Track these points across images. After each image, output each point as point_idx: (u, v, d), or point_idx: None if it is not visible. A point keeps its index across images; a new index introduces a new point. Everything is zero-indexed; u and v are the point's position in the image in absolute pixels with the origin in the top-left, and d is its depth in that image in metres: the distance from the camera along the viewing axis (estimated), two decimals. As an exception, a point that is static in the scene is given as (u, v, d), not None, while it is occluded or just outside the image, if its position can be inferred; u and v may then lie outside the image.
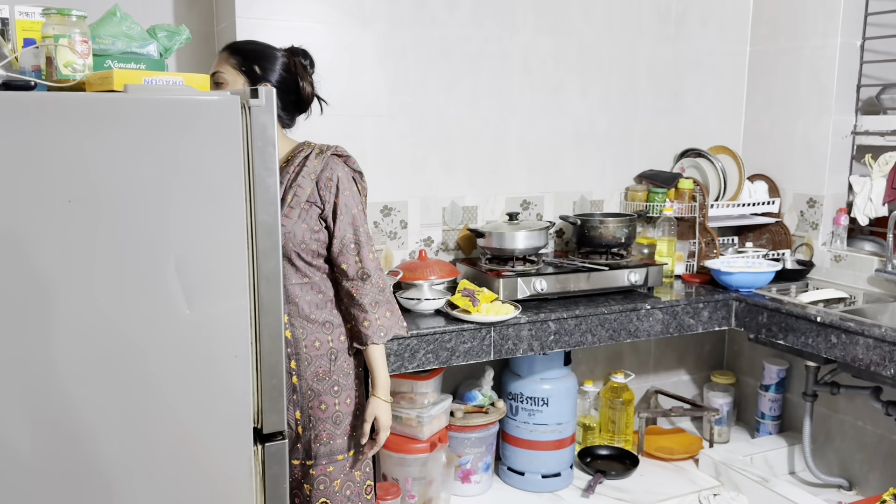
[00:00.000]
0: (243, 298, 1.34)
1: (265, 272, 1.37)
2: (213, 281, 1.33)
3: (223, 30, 2.71)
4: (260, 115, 1.33)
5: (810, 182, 3.22)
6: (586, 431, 3.20)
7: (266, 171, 1.34)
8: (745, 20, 3.42)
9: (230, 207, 1.32)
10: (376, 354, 1.97)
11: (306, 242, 1.89)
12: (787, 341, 2.78)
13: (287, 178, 1.90)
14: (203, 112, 1.28)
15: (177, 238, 1.30)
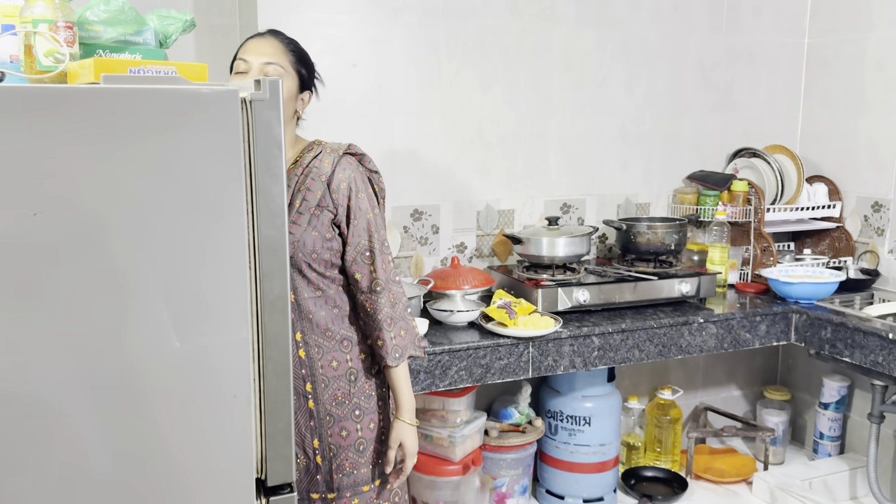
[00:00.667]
0: (243, 329, 1.10)
1: (270, 297, 1.12)
2: (208, 308, 1.09)
3: (245, 22, 2.48)
4: (264, 111, 1.09)
5: (875, 184, 2.90)
6: (631, 451, 2.93)
7: (271, 178, 1.10)
8: (803, 10, 3.10)
9: (228, 220, 1.08)
10: (397, 374, 1.74)
11: (318, 252, 1.66)
12: (853, 359, 2.48)
13: (295, 180, 1.67)
14: (193, 106, 1.05)
15: (163, 257, 1.07)
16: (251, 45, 1.69)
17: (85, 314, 1.05)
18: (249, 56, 1.66)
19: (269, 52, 1.68)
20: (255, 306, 1.12)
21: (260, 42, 1.70)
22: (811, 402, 3.10)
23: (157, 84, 1.05)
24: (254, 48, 1.68)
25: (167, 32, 1.42)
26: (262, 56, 1.66)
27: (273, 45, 1.70)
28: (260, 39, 1.71)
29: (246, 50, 1.69)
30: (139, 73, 1.13)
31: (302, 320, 1.67)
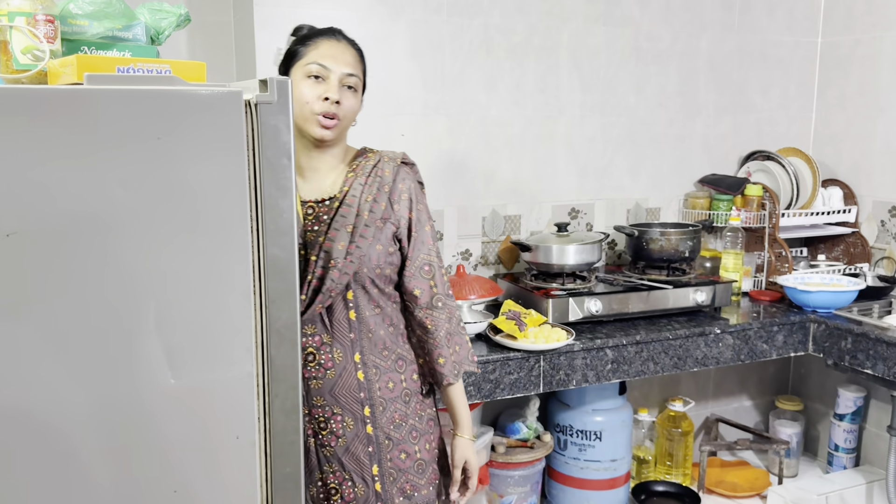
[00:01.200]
0: (247, 362, 0.96)
1: (277, 325, 0.98)
2: (207, 339, 0.95)
3: (240, 19, 2.34)
4: (271, 116, 0.95)
5: (892, 188, 2.79)
6: (641, 465, 2.80)
7: (279, 191, 0.96)
8: (817, 8, 2.98)
9: (229, 239, 0.94)
10: (456, 392, 1.66)
11: (381, 267, 1.55)
12: (875, 370, 2.36)
13: (360, 190, 1.54)
14: (190, 110, 0.91)
15: (156, 283, 0.93)
16: (329, 50, 1.51)
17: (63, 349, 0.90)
18: (330, 62, 1.49)
19: (350, 63, 1.52)
20: (261, 337, 0.98)
21: (338, 47, 1.52)
22: (824, 413, 2.99)
23: (149, 84, 0.91)
24: (334, 54, 1.50)
25: (159, 28, 1.27)
26: (345, 66, 1.50)
27: (352, 53, 1.54)
28: (336, 43, 1.53)
29: (324, 54, 1.50)
30: (128, 71, 0.99)
31: (362, 340, 1.55)
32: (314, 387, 1.53)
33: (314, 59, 1.49)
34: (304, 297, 1.47)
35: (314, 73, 1.48)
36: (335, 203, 1.53)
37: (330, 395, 1.54)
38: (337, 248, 1.49)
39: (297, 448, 1.02)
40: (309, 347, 1.51)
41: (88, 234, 0.90)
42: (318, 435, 1.55)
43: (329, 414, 1.54)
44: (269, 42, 2.23)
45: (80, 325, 0.91)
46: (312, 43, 1.52)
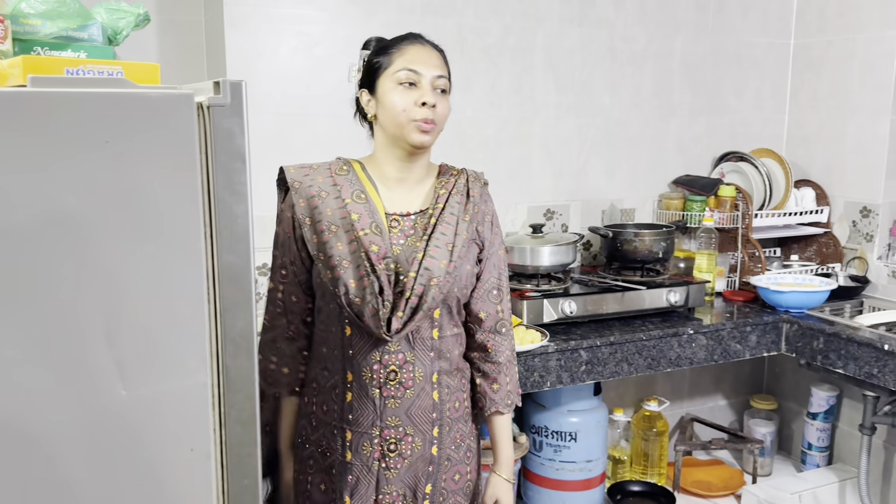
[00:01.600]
0: (201, 372, 0.93)
1: (233, 335, 0.95)
2: (159, 349, 0.92)
3: (211, 18, 2.30)
4: (224, 119, 0.91)
5: (864, 189, 2.80)
6: (616, 465, 2.79)
7: (234, 196, 0.93)
8: (789, 10, 2.98)
9: (181, 246, 0.91)
10: (503, 424, 1.62)
11: (467, 287, 1.51)
12: (847, 370, 2.36)
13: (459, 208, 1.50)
14: (140, 113, 0.87)
15: (105, 291, 0.89)
16: (417, 54, 1.44)
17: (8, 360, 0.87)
18: (420, 66, 1.42)
19: (438, 65, 1.44)
20: (215, 346, 0.95)
21: (424, 51, 1.45)
22: (798, 411, 2.99)
23: (96, 87, 0.87)
24: (423, 58, 1.43)
25: (117, 28, 1.23)
26: (434, 69, 1.43)
27: (437, 56, 1.47)
28: (422, 47, 1.45)
29: (412, 59, 1.43)
30: (78, 73, 0.95)
31: (440, 360, 1.50)
32: (391, 406, 1.46)
33: (403, 66, 1.41)
34: (401, 314, 1.40)
35: (406, 80, 1.41)
36: (428, 219, 1.47)
37: (406, 415, 1.47)
38: (439, 266, 1.43)
39: (255, 460, 0.98)
40: (391, 365, 1.45)
41: (34, 242, 0.86)
42: (385, 457, 1.48)
43: (401, 435, 1.48)
44: (240, 41, 2.19)
45: (26, 336, 0.87)
46: (397, 50, 1.44)
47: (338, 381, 1.48)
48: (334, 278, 1.41)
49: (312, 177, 1.48)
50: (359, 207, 1.44)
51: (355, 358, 1.45)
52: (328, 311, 1.48)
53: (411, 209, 1.49)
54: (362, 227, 1.42)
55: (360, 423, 1.47)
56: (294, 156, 2.29)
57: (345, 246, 1.41)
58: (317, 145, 2.31)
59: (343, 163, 1.53)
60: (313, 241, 1.44)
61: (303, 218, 1.45)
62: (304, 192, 1.47)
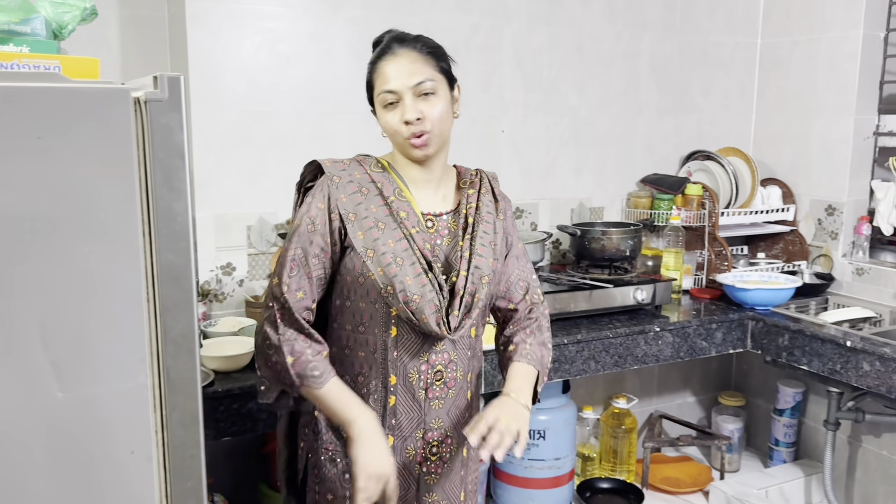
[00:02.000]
0: (141, 374, 0.91)
1: (174, 335, 0.93)
2: (97, 350, 0.89)
3: (174, 14, 2.26)
4: (162, 115, 0.89)
5: (829, 187, 2.82)
6: (586, 462, 2.79)
7: (172, 193, 0.90)
8: (756, 9, 3.00)
9: (119, 245, 0.88)
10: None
11: (500, 285, 1.53)
12: (811, 367, 2.38)
13: (482, 206, 1.47)
14: (74, 108, 0.84)
15: (39, 291, 0.86)
16: (390, 70, 1.36)
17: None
18: (396, 84, 1.35)
19: (415, 70, 1.36)
20: (155, 347, 0.93)
21: (396, 62, 1.37)
22: (765, 408, 3.01)
23: (29, 81, 0.85)
24: (396, 72, 1.36)
25: (62, 21, 1.20)
26: (409, 77, 1.35)
27: (410, 57, 1.38)
28: (393, 59, 1.37)
29: (385, 78, 1.37)
30: (12, 67, 0.93)
31: (474, 358, 1.50)
32: (435, 408, 1.42)
33: (381, 88, 1.38)
34: (457, 312, 1.37)
35: (389, 102, 1.37)
36: (464, 218, 1.45)
37: (447, 416, 1.44)
38: (487, 264, 1.42)
39: (199, 461, 0.96)
40: (438, 365, 1.41)
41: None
42: (427, 460, 1.44)
43: (442, 437, 1.44)
44: (202, 37, 2.15)
45: (-44, 337, 0.85)
46: (375, 69, 1.40)
47: (377, 386, 1.40)
48: (388, 275, 1.34)
49: (349, 172, 1.42)
50: (403, 205, 1.40)
51: (401, 359, 1.39)
52: (369, 312, 1.38)
53: (443, 209, 1.46)
54: (412, 225, 1.38)
55: (404, 427, 1.41)
56: (260, 153, 2.27)
57: (396, 243, 1.36)
58: (281, 142, 2.29)
59: (374, 160, 1.46)
60: (359, 237, 1.36)
61: (346, 213, 1.37)
62: (344, 188, 1.39)
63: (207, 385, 1.79)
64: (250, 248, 2.28)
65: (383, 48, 1.40)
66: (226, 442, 2.12)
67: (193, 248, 0.93)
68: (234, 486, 2.31)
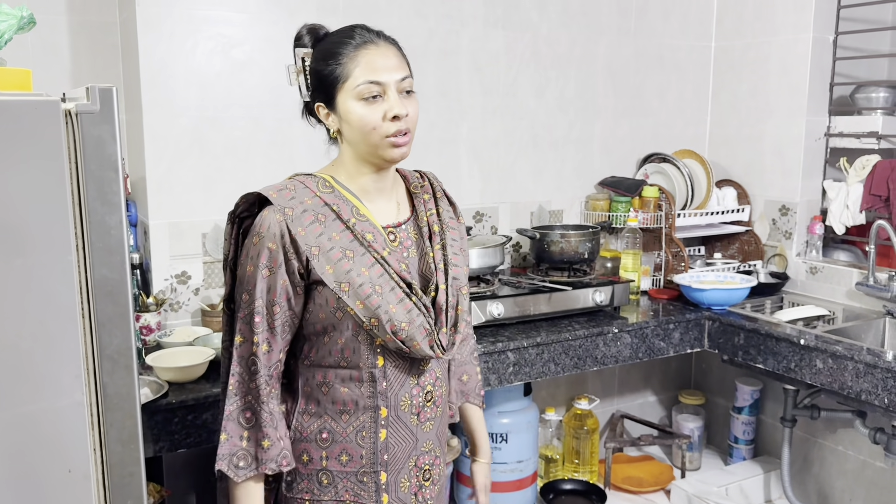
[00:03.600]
0: (77, 391, 0.89)
1: (110, 351, 0.91)
2: (30, 367, 0.87)
3: (126, 19, 2.22)
4: (94, 126, 0.87)
5: (782, 188, 2.87)
6: (549, 464, 2.80)
7: (106, 207, 0.89)
8: (710, 13, 3.04)
9: (51, 260, 0.86)
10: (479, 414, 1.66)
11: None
12: (766, 365, 2.42)
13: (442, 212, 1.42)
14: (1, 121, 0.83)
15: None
16: (378, 61, 1.25)
17: None
18: (383, 75, 1.24)
19: (400, 65, 1.27)
20: (91, 363, 0.91)
21: (380, 52, 1.27)
22: (725, 406, 3.05)
23: (-48, 93, 0.82)
24: (383, 63, 1.25)
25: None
26: (396, 71, 1.26)
27: (395, 52, 1.29)
28: (377, 50, 1.27)
29: (374, 68, 1.25)
30: (-62, 78, 0.90)
31: (449, 371, 1.49)
32: (426, 430, 1.37)
33: (364, 78, 1.24)
34: (445, 329, 1.31)
35: (370, 94, 1.25)
36: (427, 226, 1.38)
37: (436, 436, 1.39)
38: (462, 273, 1.36)
39: (139, 479, 0.94)
40: (427, 386, 1.35)
41: None
42: (422, 488, 1.38)
43: (433, 459, 1.39)
44: (153, 43, 2.12)
45: None
46: (350, 58, 1.26)
47: (365, 422, 1.31)
48: (370, 308, 1.24)
49: (299, 199, 1.27)
50: (366, 226, 1.29)
51: (391, 389, 1.31)
52: (351, 346, 1.28)
53: (400, 218, 1.38)
54: (381, 247, 1.29)
55: (398, 460, 1.34)
56: (215, 160, 2.24)
57: (369, 270, 1.26)
58: (235, 148, 2.26)
59: (319, 179, 1.32)
60: (328, 271, 1.24)
61: (308, 248, 1.24)
62: (300, 220, 1.25)
63: (161, 396, 1.76)
64: (206, 256, 2.25)
65: (356, 33, 1.30)
66: (182, 454, 2.09)
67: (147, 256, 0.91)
68: (196, 496, 2.27)
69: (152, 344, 2.04)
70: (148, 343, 2.04)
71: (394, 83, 1.26)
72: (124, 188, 0.90)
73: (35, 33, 2.17)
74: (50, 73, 2.20)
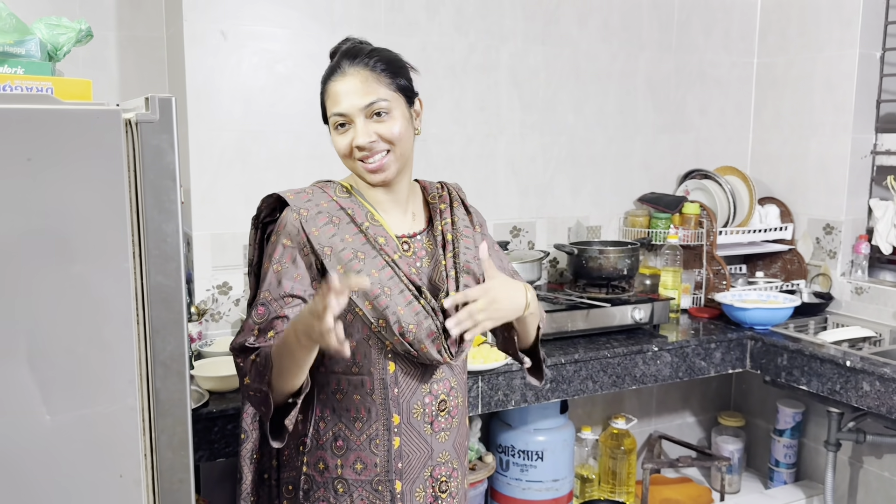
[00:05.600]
0: (130, 396, 0.90)
1: (163, 357, 0.92)
2: (85, 372, 0.89)
3: (172, 35, 2.28)
4: (153, 136, 0.89)
5: (826, 206, 2.82)
6: (584, 484, 2.76)
7: (163, 215, 0.90)
8: (752, 29, 3.02)
9: (109, 266, 0.88)
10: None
11: None
12: (810, 387, 2.37)
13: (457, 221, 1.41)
14: (65, 130, 0.85)
15: (28, 312, 0.86)
16: (338, 92, 1.29)
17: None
18: (345, 106, 1.28)
19: (364, 89, 1.28)
20: (145, 369, 0.92)
21: (343, 83, 1.30)
22: (766, 428, 2.99)
23: (19, 103, 0.85)
24: (344, 93, 1.28)
25: (57, 43, 1.21)
26: (359, 98, 1.28)
27: (361, 76, 1.29)
28: (341, 80, 1.30)
29: (334, 99, 1.30)
30: (4, 89, 0.93)
31: (464, 379, 1.45)
32: (441, 440, 1.36)
33: (331, 111, 1.31)
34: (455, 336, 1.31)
35: (338, 123, 1.31)
36: (441, 235, 1.37)
37: (453, 447, 1.38)
38: (474, 282, 1.35)
39: (188, 486, 0.95)
40: (441, 395, 1.35)
41: (-47, 262, 0.83)
42: (437, 500, 1.37)
43: (450, 471, 1.38)
44: (200, 57, 2.17)
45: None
46: (325, 91, 1.34)
47: (378, 430, 1.31)
48: (378, 308, 1.25)
49: (315, 202, 1.31)
50: (379, 231, 1.31)
51: (402, 396, 1.31)
52: (362, 351, 1.30)
53: (415, 229, 1.39)
54: (392, 251, 1.30)
55: (412, 468, 1.34)
56: (257, 172, 2.27)
57: (379, 272, 1.27)
58: (278, 161, 2.29)
59: (338, 185, 1.37)
60: (339, 271, 1.25)
61: (321, 247, 1.27)
62: (314, 220, 1.29)
63: (202, 406, 1.78)
64: (247, 268, 2.27)
65: (333, 67, 1.34)
66: (220, 463, 2.11)
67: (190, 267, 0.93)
68: (228, 508, 2.29)
69: (193, 353, 2.07)
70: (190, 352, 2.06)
71: (359, 111, 1.28)
72: (180, 197, 0.91)
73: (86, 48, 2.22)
74: (99, 86, 2.26)
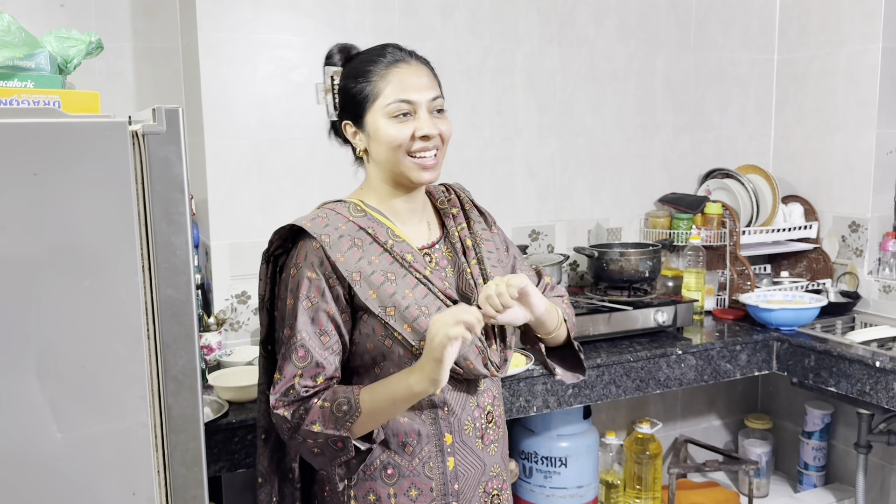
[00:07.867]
0: (141, 412, 0.88)
1: (174, 372, 0.90)
2: (96, 389, 0.87)
3: (188, 45, 2.27)
4: (160, 147, 0.87)
5: (852, 203, 2.75)
6: (609, 490, 2.71)
7: (172, 227, 0.88)
8: (772, 25, 2.95)
9: (117, 280, 0.86)
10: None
11: None
12: (839, 388, 2.30)
13: (476, 227, 1.38)
14: (69, 142, 0.83)
15: (36, 328, 0.85)
16: (409, 80, 1.24)
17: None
18: (414, 94, 1.23)
19: (431, 84, 1.26)
20: (156, 384, 0.90)
21: (412, 71, 1.25)
22: (794, 430, 2.92)
23: (24, 117, 0.83)
24: (414, 82, 1.24)
25: (67, 56, 1.20)
26: (427, 90, 1.24)
27: (427, 72, 1.27)
28: (408, 67, 1.26)
29: (405, 87, 1.23)
30: (11, 103, 0.92)
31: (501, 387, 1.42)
32: (492, 453, 1.31)
33: (395, 97, 1.23)
34: (495, 346, 1.28)
35: (402, 112, 1.23)
36: (460, 242, 1.34)
37: (501, 459, 1.34)
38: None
39: (201, 502, 0.93)
40: (487, 406, 1.31)
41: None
42: None
43: (501, 483, 1.34)
44: (214, 67, 2.16)
45: (-47, 378, 0.83)
46: (380, 77, 1.25)
47: (432, 452, 1.25)
48: (418, 330, 1.19)
49: (333, 225, 1.24)
50: (404, 247, 1.26)
51: (453, 414, 1.26)
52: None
53: (432, 238, 1.34)
54: (423, 267, 1.25)
55: (468, 487, 1.28)
56: (274, 181, 2.26)
57: (413, 291, 1.22)
58: (293, 170, 2.28)
59: (348, 205, 1.30)
60: (372, 296, 1.20)
61: (349, 273, 1.20)
62: (338, 246, 1.21)
63: (221, 416, 1.76)
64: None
65: (387, 51, 1.29)
66: (242, 473, 2.09)
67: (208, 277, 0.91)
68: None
69: (213, 363, 2.05)
70: (209, 362, 2.05)
71: (425, 102, 1.24)
72: (190, 209, 0.89)
73: (101, 60, 2.23)
74: (115, 98, 2.26)
